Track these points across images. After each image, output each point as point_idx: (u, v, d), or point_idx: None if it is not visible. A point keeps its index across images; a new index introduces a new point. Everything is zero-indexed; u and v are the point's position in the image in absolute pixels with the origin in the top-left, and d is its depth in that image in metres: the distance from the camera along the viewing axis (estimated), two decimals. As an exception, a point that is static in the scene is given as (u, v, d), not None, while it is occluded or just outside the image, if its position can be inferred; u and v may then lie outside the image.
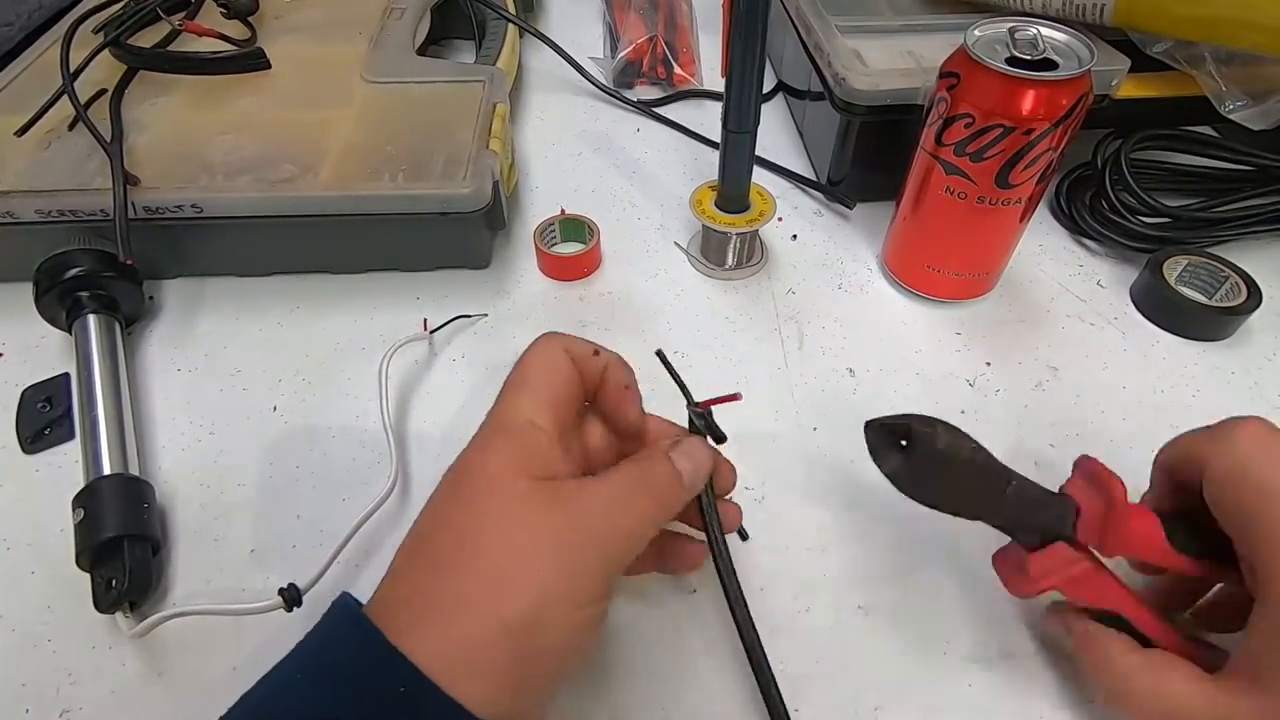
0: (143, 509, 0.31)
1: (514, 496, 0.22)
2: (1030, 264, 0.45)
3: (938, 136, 0.36)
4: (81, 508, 0.30)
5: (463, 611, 0.21)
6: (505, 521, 0.22)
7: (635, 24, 0.62)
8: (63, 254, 0.37)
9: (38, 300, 0.37)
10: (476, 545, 0.22)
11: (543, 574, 0.22)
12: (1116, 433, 0.37)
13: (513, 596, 0.21)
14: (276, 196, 0.39)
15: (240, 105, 0.45)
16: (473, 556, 0.22)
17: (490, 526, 0.22)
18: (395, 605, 0.22)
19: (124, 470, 0.32)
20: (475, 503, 0.23)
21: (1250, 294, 0.40)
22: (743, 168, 0.41)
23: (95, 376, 0.35)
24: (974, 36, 0.35)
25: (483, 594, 0.21)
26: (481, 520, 0.22)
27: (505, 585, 0.21)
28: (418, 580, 0.22)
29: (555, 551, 0.22)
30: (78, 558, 0.29)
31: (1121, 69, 0.42)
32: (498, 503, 0.22)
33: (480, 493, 0.23)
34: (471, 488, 0.23)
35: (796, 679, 0.29)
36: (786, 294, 0.44)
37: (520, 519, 0.22)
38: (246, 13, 0.52)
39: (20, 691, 0.28)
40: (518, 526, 0.22)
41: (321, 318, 0.42)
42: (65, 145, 0.41)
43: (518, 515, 0.22)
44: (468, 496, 0.23)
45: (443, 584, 0.22)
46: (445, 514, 0.23)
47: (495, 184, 0.40)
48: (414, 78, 0.47)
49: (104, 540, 0.29)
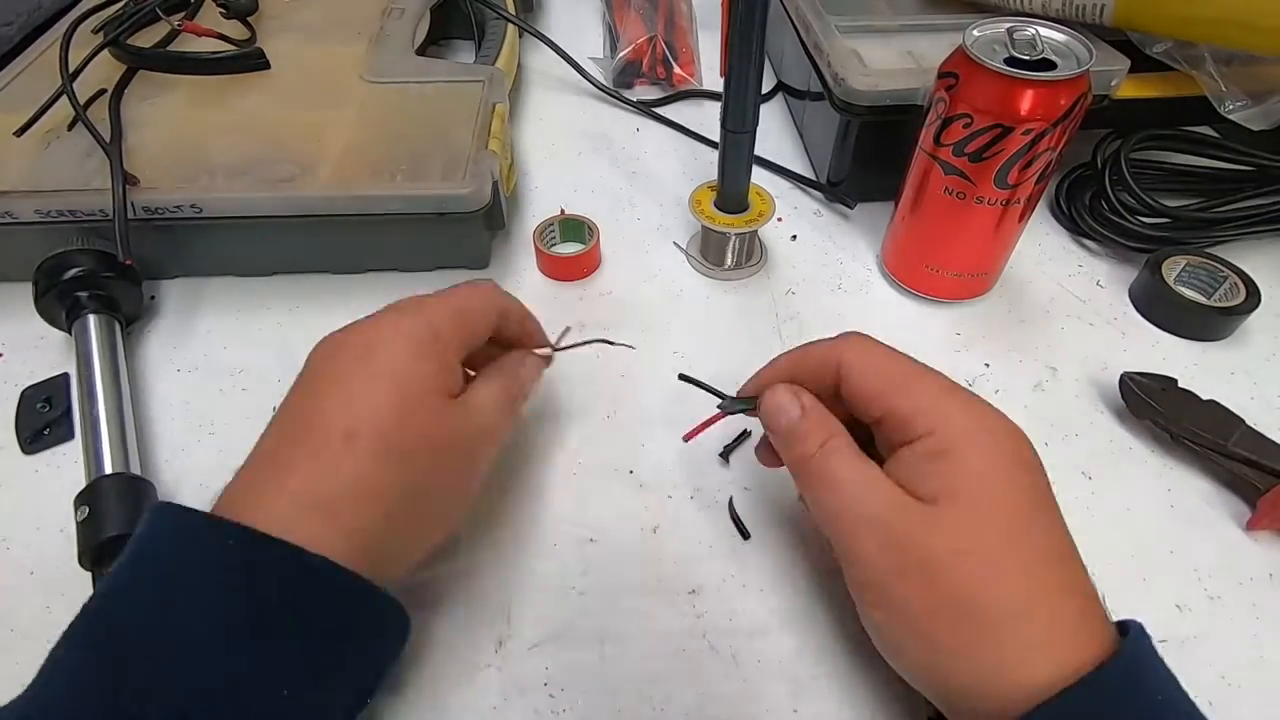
0: (145, 508, 0.31)
1: (431, 409, 0.26)
2: (1029, 264, 0.45)
3: (936, 137, 0.36)
4: (85, 505, 0.30)
5: (296, 468, 0.24)
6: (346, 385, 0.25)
7: (635, 24, 0.62)
8: (62, 254, 0.37)
9: (37, 300, 0.37)
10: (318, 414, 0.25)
11: (380, 394, 0.25)
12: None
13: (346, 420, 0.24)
14: (276, 196, 0.39)
15: (240, 105, 0.45)
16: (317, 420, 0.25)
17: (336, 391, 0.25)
18: (246, 479, 0.24)
19: (125, 469, 0.32)
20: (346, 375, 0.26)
21: (1249, 294, 0.40)
22: (742, 168, 0.41)
23: (95, 376, 0.35)
24: (972, 37, 0.35)
25: (323, 444, 0.24)
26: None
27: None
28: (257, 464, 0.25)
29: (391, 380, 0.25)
30: (80, 556, 0.29)
31: (1121, 69, 0.42)
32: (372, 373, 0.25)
33: (405, 400, 0.25)
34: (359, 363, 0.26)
35: (797, 679, 0.29)
36: (786, 294, 0.44)
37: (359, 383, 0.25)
38: (246, 13, 0.52)
39: (19, 692, 0.28)
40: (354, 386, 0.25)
41: (321, 318, 0.41)
42: (65, 145, 0.41)
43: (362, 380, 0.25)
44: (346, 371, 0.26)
45: (287, 451, 0.24)
46: (339, 401, 0.25)
47: (495, 184, 0.40)
48: (413, 78, 0.47)
49: (107, 539, 0.29)
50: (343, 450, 0.24)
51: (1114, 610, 0.28)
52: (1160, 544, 0.33)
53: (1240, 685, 0.29)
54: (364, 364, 0.25)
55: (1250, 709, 0.28)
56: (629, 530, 0.33)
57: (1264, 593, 0.31)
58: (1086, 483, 0.35)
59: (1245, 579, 0.32)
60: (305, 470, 0.24)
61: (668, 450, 0.36)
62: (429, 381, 0.26)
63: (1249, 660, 0.29)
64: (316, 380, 0.26)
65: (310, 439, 0.24)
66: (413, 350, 0.26)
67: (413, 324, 0.26)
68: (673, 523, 0.33)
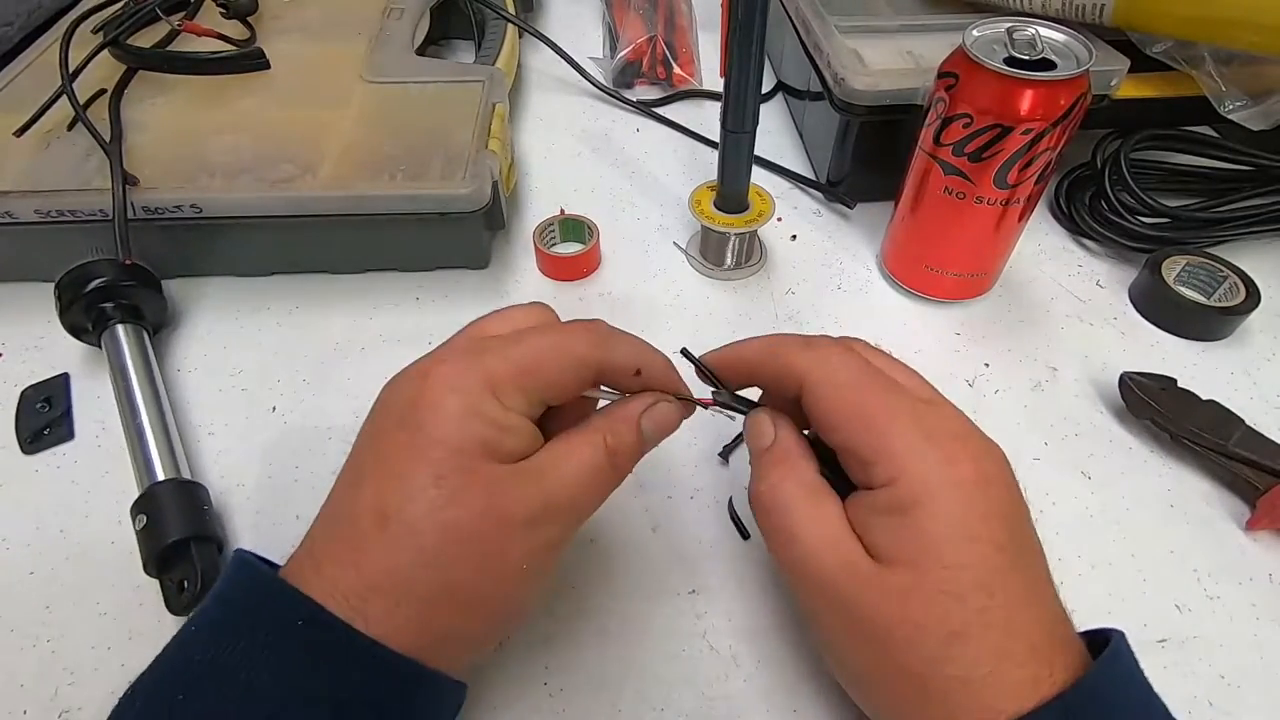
0: (204, 510, 0.31)
1: (483, 481, 0.22)
2: (1029, 264, 0.45)
3: (936, 136, 0.36)
4: (143, 514, 0.30)
5: (369, 547, 0.21)
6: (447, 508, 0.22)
7: (635, 24, 0.62)
8: (85, 265, 0.37)
9: (62, 314, 0.37)
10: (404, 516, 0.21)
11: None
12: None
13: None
14: (276, 196, 0.39)
15: (240, 105, 0.45)
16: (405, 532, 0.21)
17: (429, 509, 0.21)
18: (301, 556, 0.23)
19: (176, 475, 0.32)
20: (413, 475, 0.22)
21: (1249, 294, 0.40)
22: (742, 168, 0.41)
23: (134, 385, 0.35)
24: (972, 37, 0.35)
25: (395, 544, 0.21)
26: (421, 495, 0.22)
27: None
28: (332, 539, 0.23)
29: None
30: (145, 564, 0.30)
31: (1121, 69, 0.42)
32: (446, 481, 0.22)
33: (445, 474, 0.22)
34: (416, 454, 0.22)
35: (797, 679, 0.29)
36: (786, 294, 0.44)
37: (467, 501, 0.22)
38: (246, 13, 0.52)
39: (19, 692, 0.28)
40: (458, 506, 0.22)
41: (321, 318, 0.42)
42: (64, 145, 0.41)
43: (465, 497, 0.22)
44: (408, 460, 0.22)
45: (363, 556, 0.21)
46: (377, 478, 0.22)
47: (495, 184, 0.40)
48: (413, 78, 0.47)
49: (170, 543, 0.29)
50: (374, 534, 0.21)
51: (1112, 611, 0.28)
52: (1160, 544, 0.33)
53: (1240, 685, 0.29)
54: (405, 428, 0.22)
55: (1250, 709, 0.28)
56: (629, 530, 0.33)
57: (1264, 593, 0.31)
58: (1086, 483, 0.35)
59: (1245, 579, 0.32)
60: (337, 553, 0.22)
61: (668, 450, 0.36)
62: (481, 446, 0.22)
63: (1249, 660, 0.29)
64: (358, 455, 0.24)
65: (346, 518, 0.22)
66: (462, 408, 0.22)
67: (465, 374, 0.23)
68: (673, 523, 0.33)
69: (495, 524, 0.22)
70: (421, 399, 0.22)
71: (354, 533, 0.22)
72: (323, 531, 0.23)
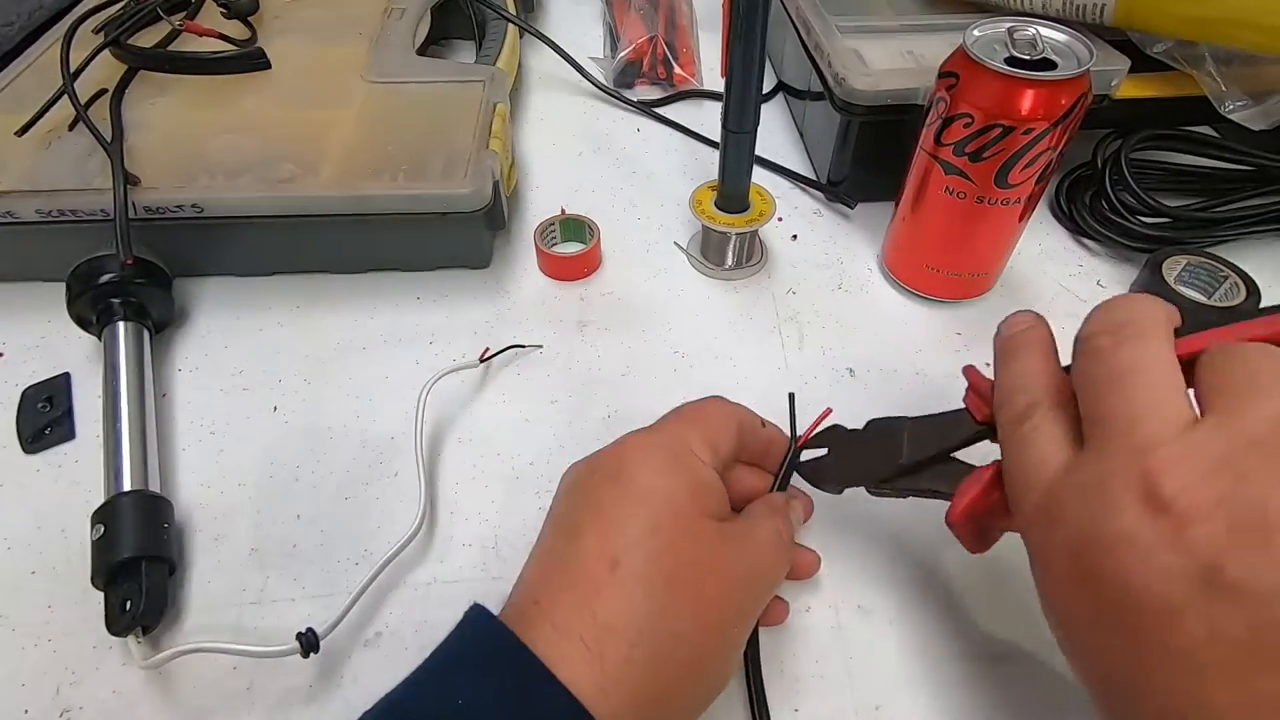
0: (162, 529, 0.30)
1: (696, 534, 0.23)
2: (1030, 264, 0.45)
3: (937, 136, 0.36)
4: (101, 524, 0.30)
5: (602, 590, 0.22)
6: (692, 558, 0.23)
7: (635, 24, 0.62)
8: (98, 258, 0.37)
9: (70, 304, 0.37)
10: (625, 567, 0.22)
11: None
12: (1116, 432, 0.37)
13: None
14: (277, 196, 0.39)
15: (240, 105, 0.45)
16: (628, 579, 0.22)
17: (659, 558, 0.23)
18: (525, 606, 0.23)
19: (144, 486, 0.32)
20: (657, 531, 0.23)
21: (1249, 294, 0.40)
22: (742, 167, 0.41)
23: (121, 387, 0.35)
24: (973, 36, 0.35)
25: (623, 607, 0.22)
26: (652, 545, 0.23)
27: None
28: (552, 590, 0.23)
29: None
30: (93, 577, 0.29)
31: (1121, 69, 0.42)
32: (682, 538, 0.23)
33: (662, 523, 0.23)
34: (641, 511, 0.23)
35: (796, 679, 0.29)
36: (786, 294, 0.44)
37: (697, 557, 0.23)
38: (246, 13, 0.52)
39: (20, 691, 0.28)
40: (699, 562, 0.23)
41: (322, 317, 0.42)
42: (65, 145, 0.41)
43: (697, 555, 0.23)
44: (632, 516, 0.23)
45: (598, 600, 0.22)
46: (599, 526, 0.23)
47: (495, 184, 0.40)
48: (414, 78, 0.47)
49: (121, 560, 0.29)
50: (606, 578, 0.22)
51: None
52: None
53: None
54: (618, 482, 0.24)
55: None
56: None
57: None
58: (1087, 482, 0.35)
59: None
60: (571, 601, 0.22)
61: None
62: (688, 498, 0.24)
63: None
64: (570, 510, 0.25)
65: (575, 567, 0.23)
66: (666, 463, 0.24)
67: (658, 438, 0.25)
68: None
69: (710, 577, 0.23)
70: (628, 456, 0.25)
71: (585, 579, 0.22)
72: (545, 582, 0.23)
